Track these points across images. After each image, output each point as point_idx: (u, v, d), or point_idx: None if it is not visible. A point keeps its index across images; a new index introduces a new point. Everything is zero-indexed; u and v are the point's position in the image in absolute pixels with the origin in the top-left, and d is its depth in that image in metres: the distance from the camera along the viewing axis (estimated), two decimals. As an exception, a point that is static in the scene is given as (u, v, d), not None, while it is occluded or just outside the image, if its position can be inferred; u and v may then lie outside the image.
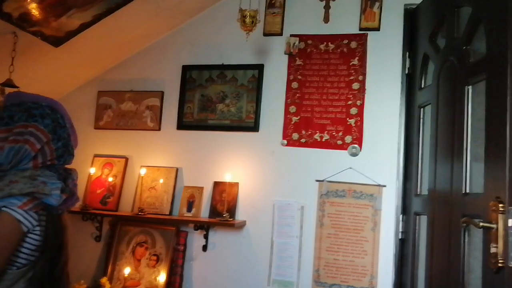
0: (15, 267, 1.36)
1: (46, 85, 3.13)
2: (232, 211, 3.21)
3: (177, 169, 3.47)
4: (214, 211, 3.28)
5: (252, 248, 3.19)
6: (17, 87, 2.76)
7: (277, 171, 3.26)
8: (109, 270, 3.33)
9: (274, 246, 3.13)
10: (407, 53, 2.88)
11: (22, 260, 1.37)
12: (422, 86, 2.74)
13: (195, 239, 3.34)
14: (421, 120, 2.66)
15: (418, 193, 2.62)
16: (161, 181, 3.43)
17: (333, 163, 3.15)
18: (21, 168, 1.40)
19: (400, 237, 2.79)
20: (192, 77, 3.52)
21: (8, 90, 2.76)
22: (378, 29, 3.00)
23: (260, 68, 3.37)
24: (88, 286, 3.14)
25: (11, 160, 1.39)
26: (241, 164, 3.34)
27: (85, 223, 3.42)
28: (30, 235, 1.37)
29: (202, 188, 3.36)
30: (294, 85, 3.30)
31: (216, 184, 3.34)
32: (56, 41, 3.08)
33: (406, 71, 2.86)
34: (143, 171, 3.43)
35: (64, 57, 3.25)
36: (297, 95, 3.28)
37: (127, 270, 3.20)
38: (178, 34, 3.60)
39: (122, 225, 3.41)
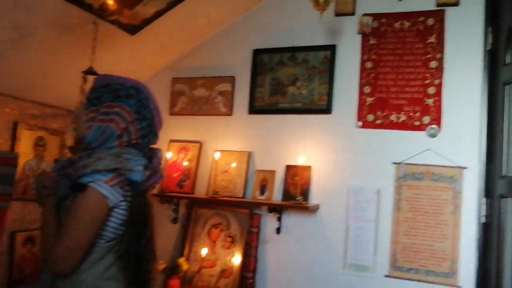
0: (103, 240, 1.54)
1: (123, 73, 3.47)
2: (305, 194, 3.46)
3: (249, 153, 3.78)
4: (287, 195, 3.55)
5: (326, 232, 3.43)
6: (97, 74, 3.16)
7: (351, 154, 3.44)
8: (186, 251, 3.71)
9: (349, 230, 3.32)
10: (489, 28, 2.92)
11: (109, 234, 1.56)
12: (507, 62, 2.68)
13: (269, 222, 3.63)
14: (506, 98, 2.69)
15: (504, 174, 2.63)
16: (234, 165, 3.75)
17: (410, 145, 3.26)
18: (108, 146, 1.59)
19: (482, 221, 2.85)
20: (263, 61, 3.79)
21: (90, 78, 3.19)
22: (456, 4, 3.07)
23: (332, 49, 3.57)
24: (167, 266, 3.53)
25: (98, 139, 1.58)
26: (313, 147, 3.58)
27: (162, 206, 3.82)
28: (116, 209, 1.54)
29: (274, 171, 3.61)
30: (368, 65, 3.47)
31: (289, 167, 3.58)
32: (132, 29, 3.45)
33: (488, 47, 2.90)
34: (217, 155, 3.77)
35: (140, 45, 3.63)
36: (372, 75, 3.46)
37: (204, 251, 3.56)
38: (249, 18, 3.84)
39: (197, 207, 3.78)
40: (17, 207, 3.36)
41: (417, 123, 3.31)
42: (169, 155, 3.49)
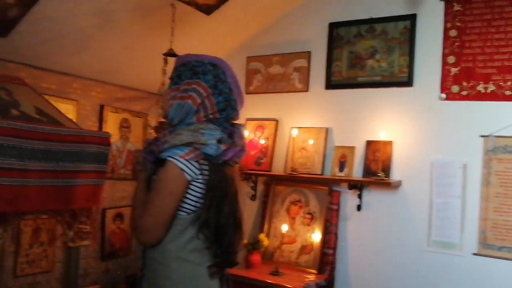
0: (184, 213, 1.60)
1: (201, 52, 3.70)
2: (386, 170, 3.47)
3: (327, 129, 3.83)
4: (367, 171, 3.58)
5: (408, 208, 3.44)
6: (178, 55, 3.34)
7: (435, 128, 3.40)
8: (265, 227, 3.87)
9: (433, 206, 3.30)
10: None
11: (189, 206, 1.61)
12: None
13: (349, 198, 3.69)
14: None
15: None
16: (312, 141, 3.82)
17: (500, 116, 3.15)
18: (187, 122, 1.65)
19: None
20: (339, 34, 3.81)
21: (170, 59, 3.37)
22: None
23: (412, 18, 3.51)
24: (248, 241, 3.71)
25: (179, 115, 1.65)
26: (394, 121, 3.57)
27: (241, 183, 3.99)
28: (194, 183, 1.59)
29: (353, 147, 3.64)
30: (452, 33, 3.38)
31: (369, 143, 3.61)
32: (208, 9, 3.59)
33: None
34: (295, 132, 3.87)
35: (215, 25, 3.77)
36: (456, 44, 3.36)
37: (284, 227, 3.70)
38: (324, -9, 3.88)
39: (275, 184, 3.91)
40: (107, 186, 3.67)
41: (508, 92, 3.20)
42: (245, 133, 3.63)
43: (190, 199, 1.63)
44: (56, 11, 2.90)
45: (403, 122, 3.50)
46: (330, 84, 3.79)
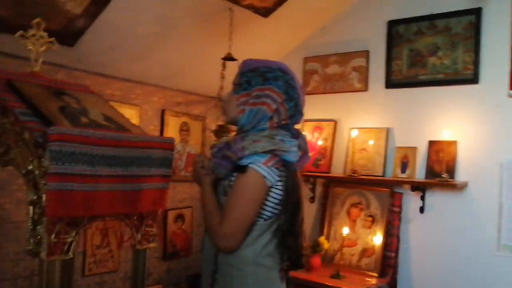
0: (262, 219, 1.63)
1: (258, 55, 3.68)
2: (450, 171, 3.34)
3: (387, 130, 3.74)
4: (430, 172, 3.46)
5: (476, 211, 3.28)
6: (236, 59, 3.37)
7: (503, 127, 3.21)
8: (325, 230, 3.83)
9: (503, 208, 3.14)
10: None
11: (267, 212, 1.64)
12: None
13: (411, 200, 3.58)
14: None
15: None
16: (372, 142, 3.75)
17: None
18: (260, 128, 1.65)
19: None
20: (398, 32, 3.71)
21: (228, 63, 3.41)
22: None
23: (477, 12, 3.35)
24: (308, 244, 3.68)
25: (251, 121, 1.66)
26: (459, 120, 3.43)
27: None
28: (273, 189, 1.61)
29: (415, 148, 3.53)
30: (522, 27, 3.21)
31: (432, 143, 3.48)
32: (266, 12, 3.60)
33: None
34: (354, 133, 3.81)
35: (272, 27, 3.78)
36: (526, 38, 3.19)
37: (345, 230, 3.65)
38: (382, -12, 3.83)
39: (335, 186, 3.86)
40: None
41: None
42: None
43: (268, 205, 1.64)
44: (119, 20, 3.01)
45: (469, 121, 3.36)
46: (390, 83, 3.70)
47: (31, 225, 1.53)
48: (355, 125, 3.84)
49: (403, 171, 3.55)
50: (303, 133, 1.82)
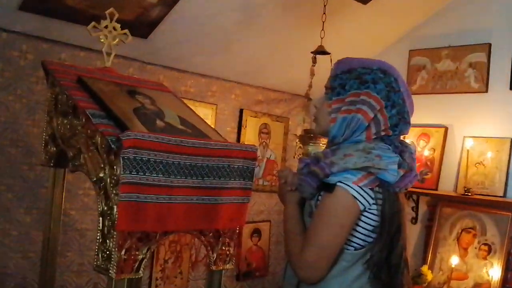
0: (352, 247, 1.60)
1: (354, 48, 3.66)
2: None
3: (511, 140, 3.57)
4: None
5: None
6: (328, 53, 3.34)
7: None
8: (429, 258, 3.69)
9: None
10: None
11: (359, 240, 1.60)
12: None
13: (540, 228, 3.38)
14: None
15: None
16: (491, 155, 3.56)
17: None
18: (354, 140, 1.62)
19: None
20: (530, 20, 3.52)
21: (319, 58, 3.39)
22: None
23: None
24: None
25: (344, 132, 1.63)
26: None
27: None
28: (366, 214, 1.57)
29: (547, 164, 3.36)
30: None
31: None
32: (365, -2, 3.58)
33: None
34: (469, 143, 3.64)
35: (372, 14, 3.71)
36: None
37: (454, 260, 3.49)
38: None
39: (443, 206, 3.71)
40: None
41: None
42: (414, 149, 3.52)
43: (360, 232, 1.62)
44: (197, 9, 3.10)
45: None
46: (518, 84, 3.51)
47: (100, 238, 1.62)
48: (471, 133, 3.68)
49: (530, 191, 3.35)
50: (411, 146, 1.75)
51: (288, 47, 3.63)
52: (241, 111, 4.01)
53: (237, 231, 1.97)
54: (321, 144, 3.08)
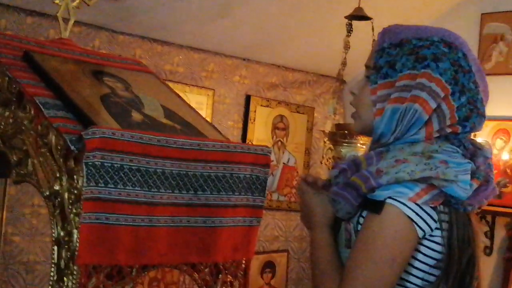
0: (413, 284, 1.55)
1: (405, 11, 3.65)
2: None
3: None
4: None
5: None
6: (369, 18, 3.34)
7: None
8: (508, 300, 3.70)
9: None
10: None
11: (416, 279, 1.56)
12: None
13: None
14: None
15: None
16: None
17: None
18: (409, 140, 1.58)
19: None
20: None
21: (356, 24, 3.38)
22: None
23: None
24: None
25: (395, 129, 1.58)
26: None
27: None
28: (426, 242, 1.53)
29: None
30: None
31: None
32: None
33: None
34: None
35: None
36: None
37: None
38: None
39: (528, 231, 3.72)
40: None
41: None
42: (478, 141, 3.52)
43: (418, 268, 1.56)
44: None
45: None
46: None
47: (54, 274, 1.62)
48: None
49: None
50: (486, 147, 1.73)
51: (313, 10, 3.62)
52: (247, 98, 4.02)
53: (243, 265, 1.98)
54: (358, 145, 3.07)
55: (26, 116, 1.77)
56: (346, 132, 3.15)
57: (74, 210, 1.58)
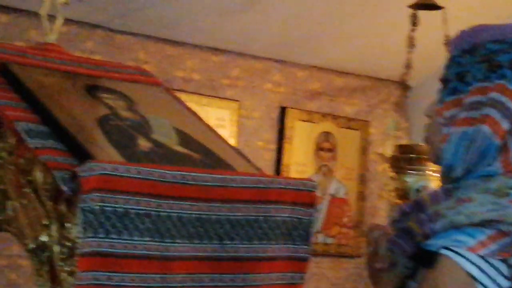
0: None
1: (490, 3, 3.66)
2: None
3: None
4: None
5: None
6: (440, 7, 3.32)
7: None
8: None
9: None
10: None
11: None
12: None
13: None
14: None
15: None
16: None
17: None
18: (484, 173, 1.68)
19: None
20: None
21: (424, 16, 3.37)
22: None
23: None
24: None
25: (463, 158, 1.70)
26: None
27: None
28: None
29: None
30: None
31: None
32: None
33: None
34: None
35: None
36: None
37: None
38: None
39: None
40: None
41: None
42: None
43: None
44: None
45: None
46: None
47: None
48: None
49: None
50: None
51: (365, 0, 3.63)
52: (282, 111, 4.03)
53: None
54: (429, 173, 3.05)
55: (4, 147, 1.79)
56: (412, 155, 3.09)
57: (66, 268, 1.58)
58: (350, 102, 4.06)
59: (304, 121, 3.86)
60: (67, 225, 1.56)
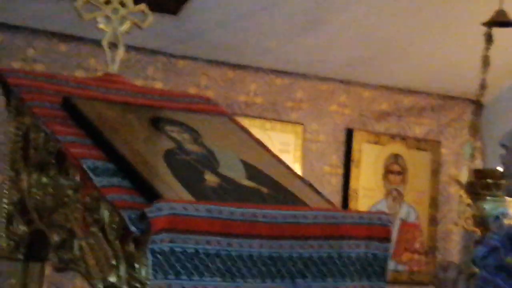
0: None
1: None
2: None
3: None
4: None
5: None
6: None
7: None
8: None
9: None
10: None
11: None
12: None
13: None
14: None
15: None
16: None
17: None
18: None
19: None
20: None
21: (498, 33, 3.31)
22: None
23: None
24: None
25: None
26: None
27: None
28: None
29: None
30: None
31: None
32: None
33: None
34: None
35: None
36: None
37: None
38: None
39: None
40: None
41: None
42: None
43: None
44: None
45: None
46: None
47: None
48: None
49: None
50: None
51: (436, 15, 3.62)
52: (349, 133, 4.02)
53: None
54: (508, 199, 3.01)
55: (69, 185, 1.79)
56: (489, 181, 3.05)
57: (136, 311, 1.59)
58: (419, 122, 4.04)
59: (372, 143, 3.84)
60: (136, 265, 1.56)
